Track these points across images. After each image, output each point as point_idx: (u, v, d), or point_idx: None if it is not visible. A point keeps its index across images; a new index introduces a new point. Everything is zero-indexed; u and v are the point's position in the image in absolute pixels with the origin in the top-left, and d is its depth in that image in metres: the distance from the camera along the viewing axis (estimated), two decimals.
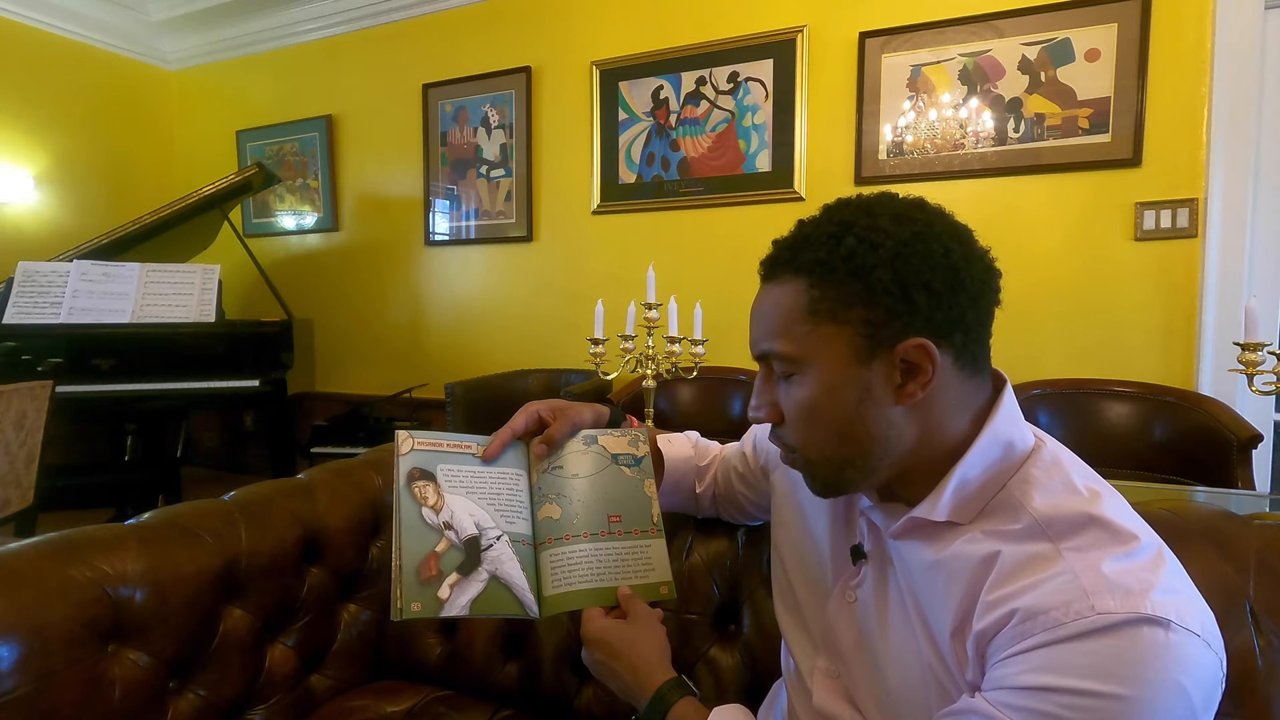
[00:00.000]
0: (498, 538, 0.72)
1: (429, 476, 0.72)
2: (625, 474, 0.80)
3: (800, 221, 0.60)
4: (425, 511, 0.70)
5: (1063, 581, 0.47)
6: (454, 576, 0.68)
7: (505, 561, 0.71)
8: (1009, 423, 0.56)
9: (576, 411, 0.80)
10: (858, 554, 0.64)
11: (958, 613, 0.52)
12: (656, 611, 0.73)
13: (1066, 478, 0.53)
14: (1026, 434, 0.57)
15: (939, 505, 0.55)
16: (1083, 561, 0.47)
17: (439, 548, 0.69)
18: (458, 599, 0.67)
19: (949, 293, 0.53)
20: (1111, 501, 0.52)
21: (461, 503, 0.72)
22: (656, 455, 0.88)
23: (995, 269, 0.56)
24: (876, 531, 0.62)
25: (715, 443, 0.94)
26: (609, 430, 0.83)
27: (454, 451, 0.75)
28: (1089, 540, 0.48)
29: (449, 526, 0.70)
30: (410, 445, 0.73)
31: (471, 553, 0.70)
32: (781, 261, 0.58)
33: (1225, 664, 0.46)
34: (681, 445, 0.90)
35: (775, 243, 0.61)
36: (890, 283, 0.52)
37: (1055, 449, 0.56)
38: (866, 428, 0.55)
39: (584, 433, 0.81)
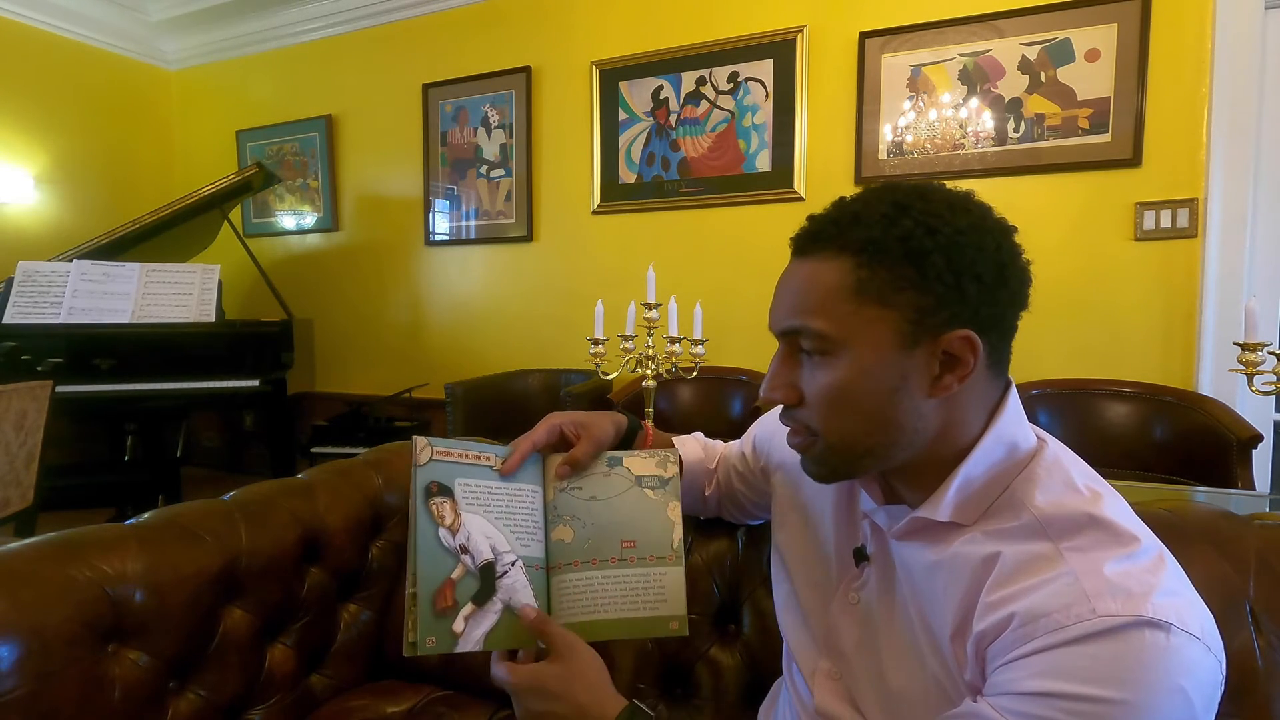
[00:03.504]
0: (512, 563, 0.68)
1: (447, 492, 0.67)
2: (648, 496, 0.74)
3: (843, 199, 0.57)
4: (442, 533, 0.65)
5: (1064, 584, 0.46)
6: (469, 607, 0.64)
7: (519, 590, 0.67)
8: (1013, 424, 0.56)
9: (601, 429, 0.76)
10: (860, 556, 0.63)
11: (958, 614, 0.52)
12: (571, 636, 0.64)
13: (1067, 477, 0.53)
14: (1030, 435, 0.56)
15: (941, 505, 0.54)
16: (1084, 563, 0.47)
17: (455, 574, 0.64)
18: (472, 633, 0.63)
19: (995, 288, 0.52)
20: (1112, 502, 0.51)
21: (478, 523, 0.67)
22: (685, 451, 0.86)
23: (1030, 272, 0.56)
24: (879, 534, 0.61)
25: (719, 442, 0.93)
26: (636, 452, 0.77)
27: (472, 464, 0.70)
28: (1090, 541, 0.48)
29: (465, 550, 0.66)
30: (429, 455, 0.68)
31: (487, 580, 0.65)
32: (825, 237, 0.55)
33: (1225, 666, 0.46)
34: (693, 448, 0.89)
35: (814, 218, 0.57)
36: (944, 270, 0.51)
37: (1057, 449, 0.56)
38: (896, 417, 0.54)
39: (608, 454, 0.76)
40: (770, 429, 0.81)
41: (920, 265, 0.51)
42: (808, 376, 0.56)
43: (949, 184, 0.57)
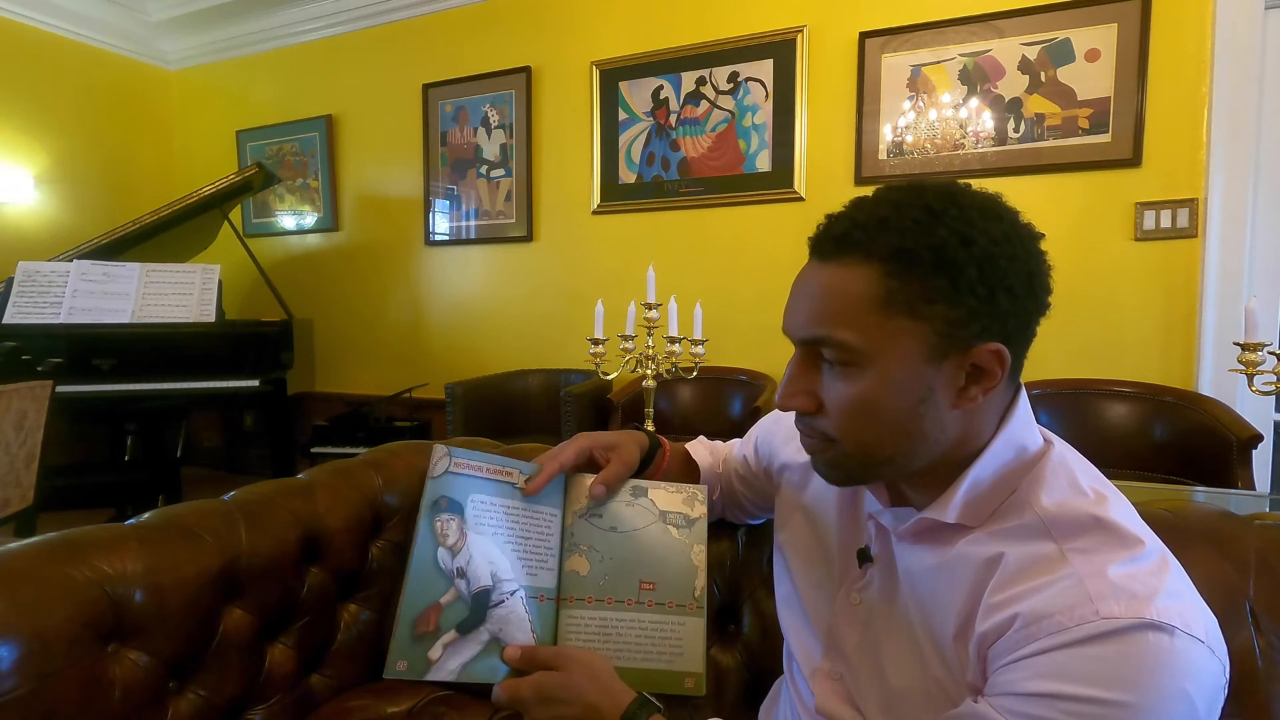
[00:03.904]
0: (512, 593, 0.64)
1: (456, 509, 0.64)
2: (672, 535, 0.70)
3: (865, 199, 0.54)
4: (441, 553, 0.62)
5: (1067, 585, 0.46)
6: (450, 635, 0.61)
7: (513, 622, 0.63)
8: (1023, 426, 0.55)
9: (629, 452, 0.75)
10: (864, 557, 0.63)
11: (960, 614, 0.52)
12: (564, 648, 0.65)
13: (1073, 478, 0.53)
14: (1037, 436, 0.56)
15: (950, 507, 0.54)
16: (1088, 565, 0.47)
17: (444, 598, 0.61)
18: (448, 662, 0.60)
19: (1025, 299, 0.51)
20: (1117, 505, 0.51)
21: (484, 546, 0.64)
22: (691, 468, 0.85)
23: (1051, 279, 0.55)
24: (884, 535, 0.61)
25: (720, 443, 0.93)
26: (663, 485, 0.74)
27: (493, 479, 0.67)
28: (1094, 543, 0.48)
29: (461, 574, 0.62)
30: (445, 466, 0.65)
31: (478, 608, 0.62)
32: (851, 242, 0.52)
33: (1229, 669, 0.46)
34: (704, 454, 0.88)
35: (837, 218, 0.54)
36: (977, 282, 0.49)
37: (1063, 451, 0.56)
38: (920, 427, 0.53)
39: (633, 483, 0.73)
40: (772, 431, 0.80)
41: (954, 277, 0.49)
42: (828, 385, 0.54)
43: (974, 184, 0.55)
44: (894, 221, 0.50)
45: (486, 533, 0.65)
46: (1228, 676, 0.46)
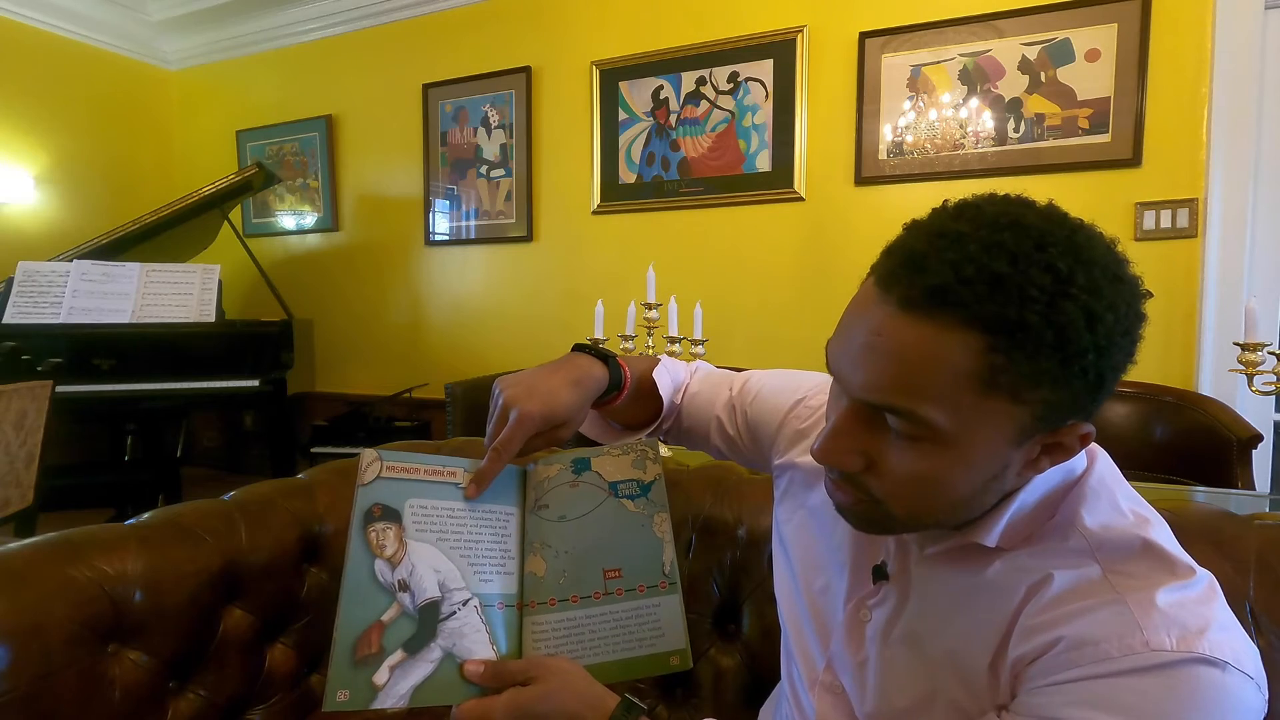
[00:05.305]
0: (464, 603, 0.58)
1: (392, 516, 0.59)
2: (628, 510, 0.65)
3: (964, 236, 0.43)
4: (379, 565, 0.57)
5: (1114, 611, 0.44)
6: (398, 655, 0.55)
7: (468, 634, 0.57)
8: None
9: (570, 430, 0.67)
10: (879, 573, 0.59)
11: (994, 638, 0.50)
12: (537, 658, 0.59)
13: (1113, 499, 0.51)
14: (1083, 454, 0.53)
15: (993, 532, 0.50)
16: (1136, 591, 0.45)
17: (386, 616, 0.56)
18: (397, 685, 0.54)
19: (1121, 371, 0.45)
20: (1159, 528, 0.49)
21: (427, 554, 0.58)
22: (645, 403, 0.77)
23: None
24: (904, 552, 0.57)
25: (681, 366, 0.85)
26: (605, 450, 0.68)
27: (431, 481, 0.61)
28: (1142, 568, 0.46)
29: (404, 587, 0.57)
30: (376, 472, 0.60)
31: (426, 623, 0.56)
32: (953, 300, 0.42)
33: (1268, 705, 0.44)
34: (666, 385, 0.80)
35: (929, 260, 0.43)
36: (1091, 366, 0.42)
37: (1103, 469, 0.53)
38: (981, 499, 0.49)
39: (573, 458, 0.67)
40: (777, 418, 0.74)
41: (1066, 360, 0.42)
42: (889, 453, 0.48)
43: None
44: (1013, 283, 0.41)
45: (430, 539, 0.59)
46: (1266, 710, 0.44)
